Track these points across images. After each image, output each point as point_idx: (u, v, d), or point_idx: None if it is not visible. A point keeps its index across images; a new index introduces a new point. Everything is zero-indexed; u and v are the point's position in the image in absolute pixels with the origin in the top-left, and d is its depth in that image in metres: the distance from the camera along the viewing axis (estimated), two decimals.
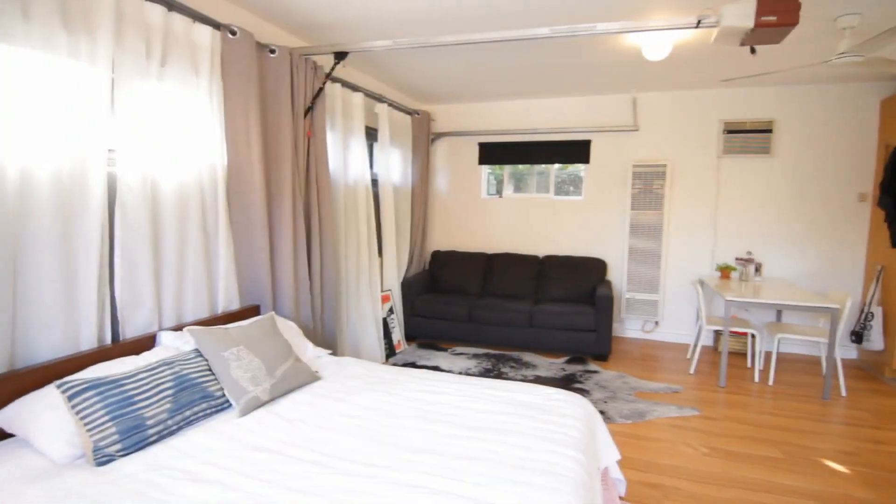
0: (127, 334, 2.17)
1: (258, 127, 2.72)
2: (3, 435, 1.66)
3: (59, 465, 1.54)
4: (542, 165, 5.40)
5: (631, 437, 2.94)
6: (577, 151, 5.16)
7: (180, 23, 2.35)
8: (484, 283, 5.17)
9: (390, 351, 4.43)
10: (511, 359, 4.34)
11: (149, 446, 1.68)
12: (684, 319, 4.98)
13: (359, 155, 3.91)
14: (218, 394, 1.99)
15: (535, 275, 5.04)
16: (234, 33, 2.57)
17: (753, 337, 4.30)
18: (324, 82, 3.18)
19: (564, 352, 4.49)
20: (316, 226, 3.26)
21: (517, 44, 3.39)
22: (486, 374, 3.97)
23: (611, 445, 2.08)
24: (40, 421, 1.59)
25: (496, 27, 3.05)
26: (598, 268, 4.90)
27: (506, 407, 2.03)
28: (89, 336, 1.99)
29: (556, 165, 5.36)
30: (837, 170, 4.47)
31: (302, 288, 3.11)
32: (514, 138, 5.34)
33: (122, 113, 2.10)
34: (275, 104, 2.91)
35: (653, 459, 2.69)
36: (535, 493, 1.42)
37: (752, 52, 2.54)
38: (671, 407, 3.36)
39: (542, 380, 3.83)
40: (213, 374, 2.02)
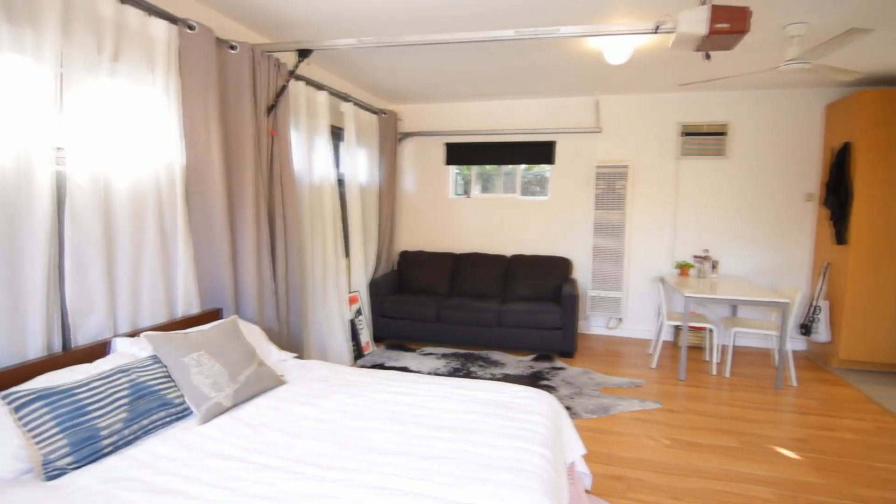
0: (79, 341, 2.07)
1: (218, 125, 2.64)
2: None
3: (4, 480, 1.46)
4: (509, 166, 5.46)
5: (596, 431, 3.01)
6: (543, 152, 5.24)
7: (134, 16, 2.26)
8: (452, 283, 5.18)
9: (358, 353, 4.39)
10: (479, 358, 4.37)
11: (103, 458, 1.61)
12: (646, 316, 5.13)
13: (324, 154, 3.85)
14: (178, 401, 1.92)
15: (503, 274, 5.09)
16: (192, 28, 2.49)
17: (711, 331, 4.47)
18: (287, 80, 3.12)
19: (532, 350, 4.55)
20: (280, 226, 3.19)
21: (483, 45, 3.41)
22: (454, 373, 3.98)
23: (576, 440, 2.13)
24: None
25: (462, 28, 3.07)
26: (563, 267, 4.99)
27: (474, 406, 2.04)
28: (37, 344, 1.89)
29: (523, 166, 5.43)
30: (786, 171, 4.70)
31: (266, 290, 3.04)
32: (481, 139, 5.38)
33: (72, 109, 2.01)
34: (236, 102, 2.84)
35: (617, 453, 2.76)
36: (503, 490, 1.43)
37: (707, 57, 2.64)
38: (634, 401, 3.46)
39: (510, 378, 3.88)
40: (172, 381, 1.95)
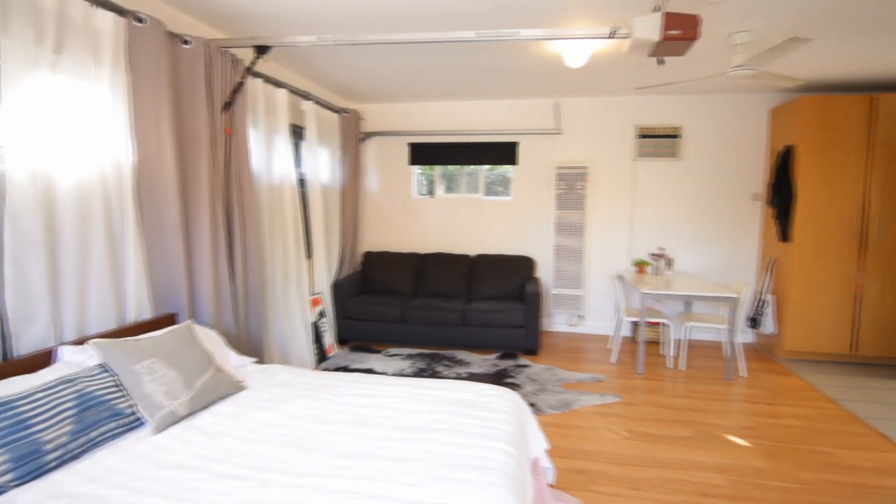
0: (20, 350, 1.95)
1: (171, 121, 2.54)
2: None
3: None
4: (472, 166, 5.50)
5: (559, 426, 3.07)
6: (506, 153, 5.31)
7: (77, 7, 2.14)
8: (417, 284, 5.17)
9: (321, 356, 4.32)
10: (445, 357, 4.38)
11: (48, 473, 1.52)
12: (606, 312, 5.27)
13: (284, 153, 3.76)
14: (129, 411, 1.84)
15: (467, 274, 5.12)
16: (141, 21, 2.39)
17: (667, 326, 4.65)
18: (244, 77, 3.04)
19: (497, 348, 4.59)
20: (238, 227, 3.10)
21: (446, 45, 3.42)
22: (420, 373, 3.98)
23: (540, 436, 2.16)
24: None
25: (425, 27, 3.06)
26: (526, 266, 5.07)
27: (439, 406, 2.05)
28: None
29: (486, 167, 5.47)
30: (735, 172, 4.94)
31: (223, 293, 2.95)
32: (445, 139, 5.39)
33: (10, 105, 1.88)
34: (190, 98, 2.74)
35: (579, 446, 2.82)
36: (468, 488, 1.44)
37: (660, 62, 2.74)
38: (595, 396, 3.55)
39: (475, 377, 3.90)
40: (123, 391, 1.87)
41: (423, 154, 5.47)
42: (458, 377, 3.88)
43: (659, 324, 4.86)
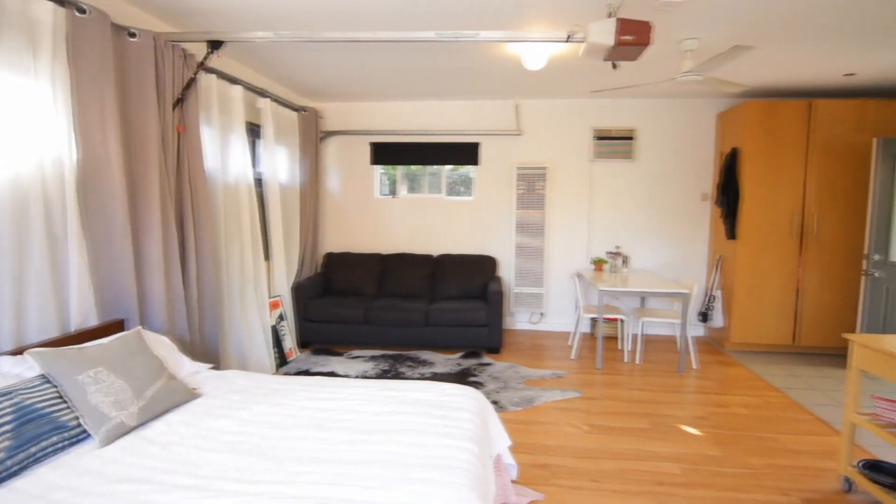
0: None
1: (116, 118, 2.42)
2: None
3: None
4: (435, 167, 5.50)
5: (521, 422, 3.12)
6: (468, 153, 5.34)
7: None
8: (379, 284, 5.13)
9: (281, 360, 4.22)
10: (409, 358, 4.36)
11: None
12: (566, 310, 5.39)
13: (240, 152, 3.65)
14: (73, 424, 1.74)
15: (430, 274, 5.12)
16: (83, 11, 2.26)
17: (623, 322, 4.79)
18: (196, 72, 2.93)
19: (460, 347, 4.61)
20: (191, 228, 2.99)
21: (407, 45, 3.41)
22: (383, 375, 3.95)
23: (502, 433, 2.19)
24: None
25: (385, 26, 3.04)
26: (489, 265, 5.11)
27: (402, 407, 2.04)
28: None
29: (448, 167, 5.49)
30: (685, 173, 5.15)
31: (176, 297, 2.84)
32: (407, 139, 5.37)
33: None
34: (138, 94, 2.62)
35: (541, 442, 2.87)
36: (430, 488, 1.44)
37: (614, 67, 2.83)
38: (556, 391, 3.62)
39: (439, 376, 3.91)
40: (66, 402, 1.76)
41: (386, 154, 5.43)
42: (422, 377, 3.87)
43: (616, 319, 5.01)
